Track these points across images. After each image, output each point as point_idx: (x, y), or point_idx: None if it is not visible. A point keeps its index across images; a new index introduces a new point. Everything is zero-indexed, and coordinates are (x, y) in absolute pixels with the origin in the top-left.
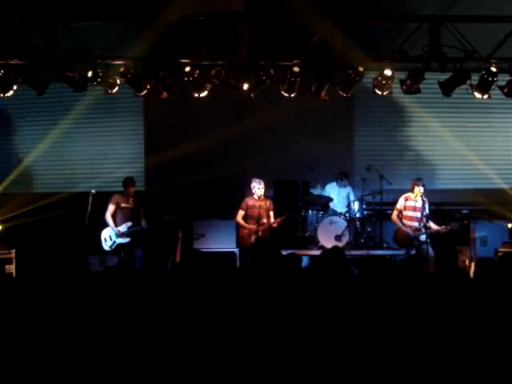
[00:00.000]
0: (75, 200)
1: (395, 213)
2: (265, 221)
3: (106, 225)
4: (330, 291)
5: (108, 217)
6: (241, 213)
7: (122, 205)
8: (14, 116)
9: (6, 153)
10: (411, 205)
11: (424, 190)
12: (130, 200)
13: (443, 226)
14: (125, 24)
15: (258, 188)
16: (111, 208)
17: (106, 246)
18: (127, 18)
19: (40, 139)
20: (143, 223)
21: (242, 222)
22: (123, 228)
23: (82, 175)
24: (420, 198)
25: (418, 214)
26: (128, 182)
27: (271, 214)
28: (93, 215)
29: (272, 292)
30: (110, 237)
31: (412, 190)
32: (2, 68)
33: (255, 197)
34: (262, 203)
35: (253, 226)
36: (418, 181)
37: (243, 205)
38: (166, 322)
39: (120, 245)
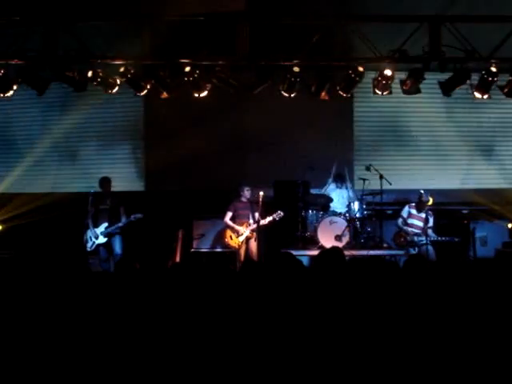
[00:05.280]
0: (75, 200)
1: (400, 220)
2: (251, 221)
3: (87, 227)
4: (328, 291)
5: (88, 219)
6: (228, 214)
7: (101, 206)
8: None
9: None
10: (415, 214)
11: (430, 203)
12: (108, 200)
13: (442, 237)
14: (125, 24)
15: (247, 191)
16: (90, 210)
17: (88, 246)
18: (127, 18)
19: (40, 139)
20: (123, 219)
21: (230, 222)
22: (101, 229)
23: (82, 175)
24: (424, 209)
25: (421, 224)
26: (103, 182)
27: (256, 214)
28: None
29: (271, 291)
30: (90, 238)
31: (419, 201)
32: (1, 68)
33: (243, 199)
34: (249, 205)
35: (240, 229)
36: (425, 195)
37: (231, 207)
38: (166, 322)
39: (99, 245)
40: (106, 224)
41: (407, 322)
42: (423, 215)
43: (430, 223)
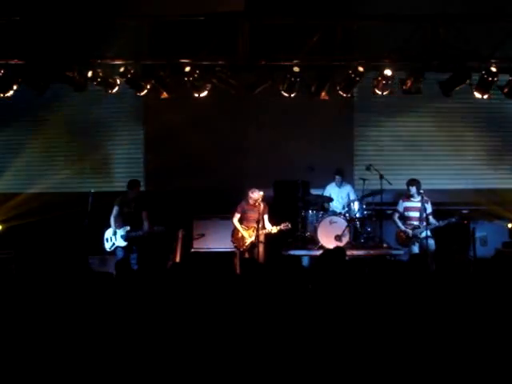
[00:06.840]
0: (75, 200)
1: (396, 214)
2: (260, 226)
3: (110, 225)
4: (330, 291)
5: (111, 218)
6: (236, 216)
7: (125, 209)
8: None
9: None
10: (410, 205)
11: (418, 190)
12: (132, 204)
13: (442, 221)
14: (125, 24)
15: (257, 199)
16: (115, 210)
17: (107, 246)
18: (127, 18)
19: (40, 139)
20: (145, 227)
21: (238, 225)
22: (122, 231)
23: (82, 175)
24: (419, 197)
25: (418, 214)
26: (130, 184)
27: (266, 217)
28: (93, 215)
29: (272, 291)
30: (110, 238)
31: (408, 191)
32: (1, 68)
33: (251, 202)
34: (257, 207)
35: (246, 234)
36: (412, 181)
37: (239, 208)
38: (165, 322)
39: (118, 247)
40: (127, 227)
41: (408, 321)
42: (419, 204)
43: (429, 210)
